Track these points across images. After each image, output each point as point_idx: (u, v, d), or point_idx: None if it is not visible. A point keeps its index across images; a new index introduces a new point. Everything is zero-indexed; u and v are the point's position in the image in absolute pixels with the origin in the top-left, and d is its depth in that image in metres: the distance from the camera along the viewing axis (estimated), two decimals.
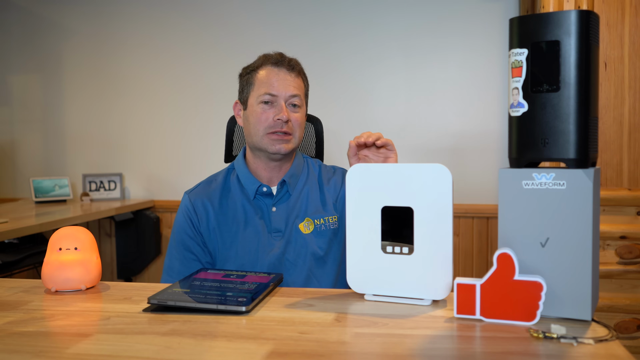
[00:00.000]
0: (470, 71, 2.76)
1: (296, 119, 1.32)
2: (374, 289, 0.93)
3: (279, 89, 1.30)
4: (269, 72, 1.32)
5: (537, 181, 0.81)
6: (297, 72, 1.34)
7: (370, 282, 0.93)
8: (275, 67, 1.32)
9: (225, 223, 1.32)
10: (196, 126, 2.98)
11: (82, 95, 3.17)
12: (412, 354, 0.70)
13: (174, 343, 0.75)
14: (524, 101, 0.82)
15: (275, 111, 1.30)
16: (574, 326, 0.78)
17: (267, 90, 1.30)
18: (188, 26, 3.02)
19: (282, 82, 1.31)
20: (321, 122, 1.68)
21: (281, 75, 1.31)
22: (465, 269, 2.77)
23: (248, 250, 1.30)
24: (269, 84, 1.30)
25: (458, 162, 2.78)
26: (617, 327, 2.19)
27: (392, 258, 0.91)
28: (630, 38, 2.34)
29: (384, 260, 0.91)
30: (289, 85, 1.31)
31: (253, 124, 1.32)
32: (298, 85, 1.33)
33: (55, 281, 1.02)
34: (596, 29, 0.80)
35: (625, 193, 2.31)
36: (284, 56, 1.34)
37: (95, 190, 3.06)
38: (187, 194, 1.37)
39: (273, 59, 1.33)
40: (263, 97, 1.30)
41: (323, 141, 1.68)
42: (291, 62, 1.33)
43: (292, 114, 1.31)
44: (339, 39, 2.87)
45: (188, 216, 1.33)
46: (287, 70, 1.32)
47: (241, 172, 1.37)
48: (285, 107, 1.30)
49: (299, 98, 1.33)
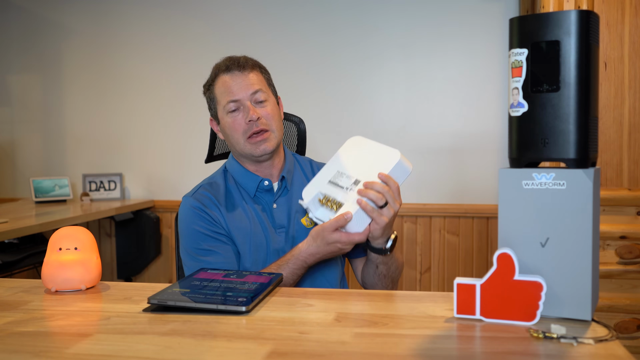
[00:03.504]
0: (470, 71, 2.76)
1: (267, 112, 1.30)
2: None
3: (238, 93, 1.29)
4: (223, 81, 1.31)
5: (537, 181, 0.81)
6: (250, 68, 1.32)
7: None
8: (228, 74, 1.31)
9: (235, 220, 1.31)
10: (196, 126, 2.97)
11: (82, 95, 3.17)
12: (412, 354, 0.70)
13: (174, 343, 0.75)
14: (524, 101, 0.82)
15: (243, 115, 1.29)
16: (574, 326, 0.78)
17: (229, 98, 1.29)
18: (188, 26, 3.02)
19: (239, 85, 1.29)
20: (304, 122, 1.67)
21: (235, 79, 1.30)
22: (465, 269, 2.77)
23: (259, 244, 1.29)
24: (228, 92, 1.29)
25: (458, 162, 2.78)
26: (617, 327, 2.19)
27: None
28: (630, 38, 2.34)
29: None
30: (246, 85, 1.30)
31: (230, 135, 1.32)
32: (255, 80, 1.32)
33: (55, 281, 1.02)
34: (596, 29, 0.80)
35: (625, 193, 2.31)
36: (232, 59, 1.32)
37: (95, 190, 3.06)
38: (190, 196, 1.33)
39: (223, 67, 1.32)
40: (227, 106, 1.30)
41: (306, 141, 1.67)
42: (240, 62, 1.31)
43: (260, 110, 1.30)
44: (339, 39, 2.86)
45: (199, 215, 1.29)
46: (239, 71, 1.30)
47: (238, 173, 1.36)
48: (251, 106, 1.29)
49: (261, 92, 1.31)
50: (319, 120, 2.79)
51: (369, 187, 1.14)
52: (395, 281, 1.33)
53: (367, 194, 1.12)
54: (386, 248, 1.20)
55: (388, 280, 1.29)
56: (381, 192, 1.12)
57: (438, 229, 2.80)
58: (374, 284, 1.30)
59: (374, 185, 1.13)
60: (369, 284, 1.32)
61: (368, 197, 1.12)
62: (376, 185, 1.13)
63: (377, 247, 1.21)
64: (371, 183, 1.14)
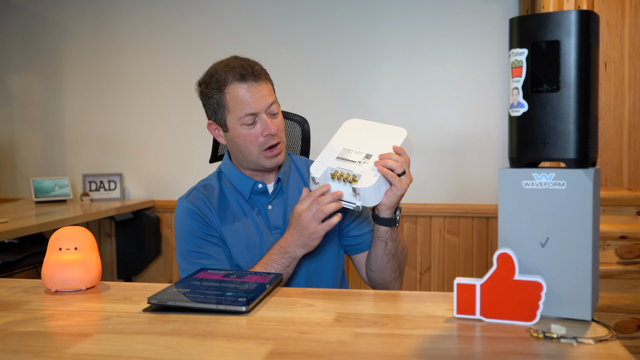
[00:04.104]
0: (470, 71, 2.76)
1: (279, 124, 1.29)
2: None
3: (257, 106, 1.24)
4: (239, 91, 1.24)
5: (537, 181, 0.81)
6: (264, 77, 1.28)
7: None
8: (244, 83, 1.24)
9: (228, 222, 1.31)
10: (196, 126, 2.97)
11: (82, 95, 3.17)
12: (412, 354, 0.70)
13: (174, 343, 0.75)
14: (524, 101, 0.82)
15: (261, 128, 1.26)
16: (574, 326, 0.78)
17: (246, 111, 1.24)
18: (189, 26, 3.02)
19: (256, 97, 1.24)
20: (308, 122, 1.67)
21: (252, 90, 1.24)
22: (465, 269, 2.77)
23: (253, 246, 1.29)
24: (245, 104, 1.24)
25: (458, 162, 2.78)
26: (617, 327, 2.19)
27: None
28: (630, 38, 2.34)
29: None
30: (262, 97, 1.25)
31: (243, 146, 1.28)
32: (270, 91, 1.29)
33: (55, 281, 1.02)
34: (596, 29, 0.80)
35: (625, 193, 2.31)
36: (245, 67, 1.25)
37: (95, 190, 3.06)
38: (184, 199, 1.32)
39: (237, 75, 1.24)
40: (244, 119, 1.25)
41: (310, 141, 1.67)
42: (255, 70, 1.26)
43: (275, 122, 1.28)
44: (339, 40, 2.87)
45: (193, 217, 1.29)
46: (255, 82, 1.25)
47: (232, 175, 1.35)
48: (269, 120, 1.26)
49: (275, 103, 1.29)
50: (318, 120, 2.79)
51: (386, 157, 1.18)
52: (402, 268, 1.32)
53: (386, 163, 1.16)
54: (395, 217, 1.23)
55: (396, 263, 1.29)
56: (398, 161, 1.16)
57: (438, 229, 2.80)
58: (382, 267, 1.29)
59: (391, 156, 1.17)
60: (376, 269, 1.31)
61: (388, 165, 1.16)
62: (393, 156, 1.17)
63: (387, 218, 1.22)
64: (388, 154, 1.18)
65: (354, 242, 1.38)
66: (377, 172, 1.16)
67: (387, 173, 1.15)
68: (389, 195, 1.18)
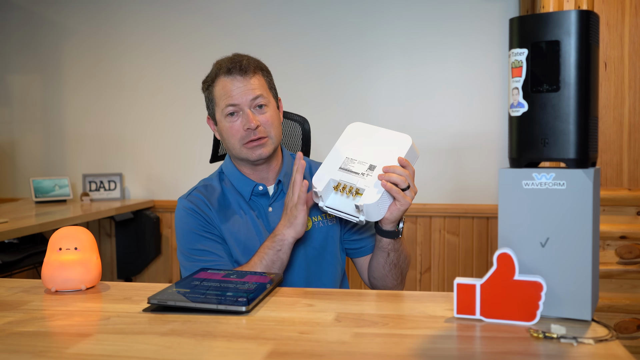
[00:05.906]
0: (470, 71, 2.76)
1: (266, 119, 1.28)
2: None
3: (238, 98, 1.26)
4: (224, 84, 1.27)
5: (537, 181, 0.81)
6: (252, 71, 1.28)
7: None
8: (229, 77, 1.27)
9: (228, 223, 1.31)
10: (197, 126, 2.97)
11: (82, 95, 3.17)
12: (412, 354, 0.70)
13: (174, 343, 0.75)
14: (524, 101, 0.82)
15: (242, 121, 1.27)
16: (574, 326, 0.78)
17: (227, 102, 1.26)
18: (189, 26, 3.02)
19: (239, 90, 1.26)
20: (308, 122, 1.67)
21: (236, 83, 1.26)
22: (465, 269, 2.77)
23: (253, 247, 1.29)
24: (227, 96, 1.27)
25: (458, 162, 2.78)
26: (617, 327, 2.19)
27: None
28: (630, 38, 2.34)
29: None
30: (247, 91, 1.27)
31: (227, 139, 1.30)
32: (257, 85, 1.28)
33: (55, 281, 1.02)
34: (596, 29, 0.80)
35: (625, 193, 2.31)
36: (234, 61, 1.28)
37: (95, 190, 3.06)
38: (185, 198, 1.33)
39: (225, 68, 1.28)
40: (226, 109, 1.27)
41: (310, 141, 1.67)
42: (243, 65, 1.27)
43: (260, 117, 1.27)
44: (339, 39, 2.86)
45: (193, 215, 1.29)
46: (241, 75, 1.27)
47: (233, 176, 1.35)
48: (251, 114, 1.26)
49: (262, 97, 1.28)
50: (318, 120, 2.79)
51: (390, 170, 1.15)
52: (404, 275, 1.32)
53: (390, 177, 1.13)
54: (399, 230, 1.21)
55: (398, 271, 1.28)
56: (403, 175, 1.14)
57: (438, 229, 2.80)
58: (384, 275, 1.29)
59: (395, 169, 1.14)
60: (378, 277, 1.31)
61: (391, 180, 1.13)
62: (397, 169, 1.15)
63: (390, 230, 1.21)
64: (392, 167, 1.15)
65: (355, 246, 1.38)
66: (380, 186, 1.13)
67: (392, 188, 1.12)
68: (392, 210, 1.15)
